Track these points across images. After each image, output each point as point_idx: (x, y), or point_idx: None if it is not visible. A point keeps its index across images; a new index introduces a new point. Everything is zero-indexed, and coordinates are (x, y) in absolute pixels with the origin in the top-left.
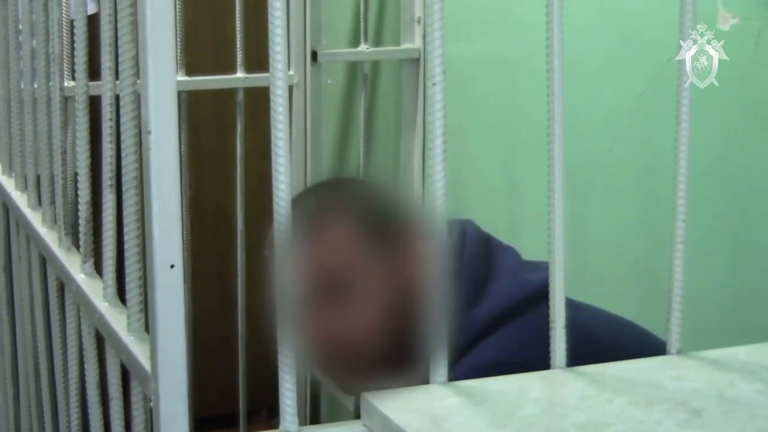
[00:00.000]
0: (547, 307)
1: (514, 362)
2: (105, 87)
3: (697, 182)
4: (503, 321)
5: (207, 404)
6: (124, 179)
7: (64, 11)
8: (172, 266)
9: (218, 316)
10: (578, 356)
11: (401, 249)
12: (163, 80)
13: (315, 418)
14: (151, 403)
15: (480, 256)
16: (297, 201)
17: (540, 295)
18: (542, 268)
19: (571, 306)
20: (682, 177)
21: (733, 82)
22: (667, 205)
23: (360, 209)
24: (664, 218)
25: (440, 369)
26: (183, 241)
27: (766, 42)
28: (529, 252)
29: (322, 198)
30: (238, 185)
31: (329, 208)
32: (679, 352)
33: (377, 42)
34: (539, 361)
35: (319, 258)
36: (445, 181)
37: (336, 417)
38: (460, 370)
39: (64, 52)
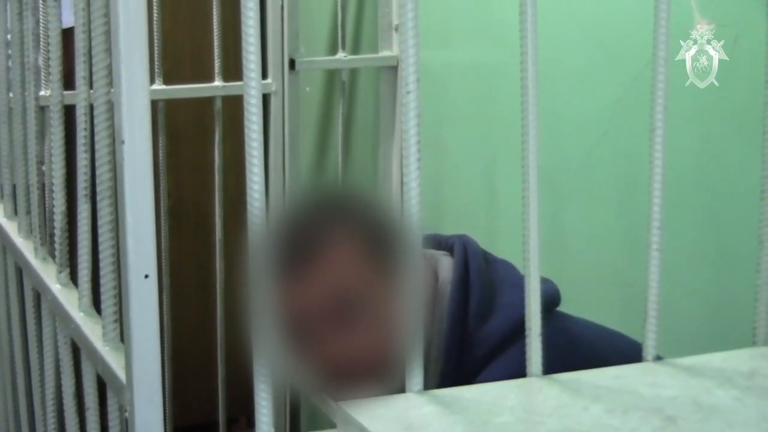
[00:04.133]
0: (554, 319)
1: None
2: (80, 97)
3: (675, 188)
4: (520, 333)
5: (187, 412)
6: (98, 189)
7: (41, 21)
8: (146, 276)
9: (197, 324)
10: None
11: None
12: (136, 90)
13: (294, 428)
14: (127, 414)
15: (483, 269)
16: (296, 222)
17: (548, 307)
18: (542, 280)
19: (570, 320)
20: (656, 183)
21: (710, 87)
22: (646, 212)
23: (362, 225)
24: (643, 224)
25: (416, 377)
26: (161, 249)
27: (743, 47)
28: (507, 259)
29: (321, 215)
30: (217, 193)
31: (330, 225)
32: (655, 359)
33: (355, 50)
34: (559, 372)
35: (325, 278)
36: (419, 189)
37: (315, 426)
38: (486, 380)
39: (41, 62)
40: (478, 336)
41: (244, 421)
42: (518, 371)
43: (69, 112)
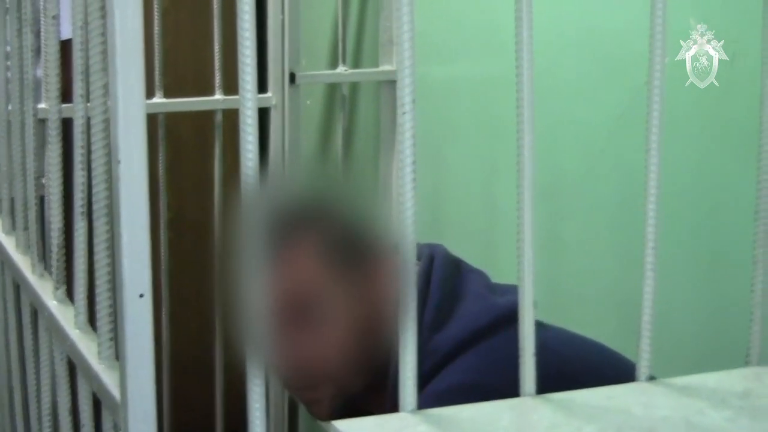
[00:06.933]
0: (514, 330)
1: (480, 386)
2: (77, 114)
3: (672, 202)
4: (468, 345)
5: (185, 424)
6: (94, 207)
7: (41, 34)
8: (141, 296)
9: (196, 337)
10: (549, 378)
11: (370, 270)
12: (132, 110)
13: None
14: None
15: (448, 280)
16: (267, 217)
17: (506, 319)
18: (511, 291)
19: (542, 328)
20: (651, 205)
21: (708, 104)
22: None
23: (328, 230)
24: (640, 239)
25: (409, 397)
26: (161, 261)
27: (741, 64)
28: (506, 273)
29: (289, 218)
30: (217, 206)
31: (297, 228)
32: (648, 379)
33: (356, 63)
34: (505, 384)
35: (287, 279)
36: (414, 209)
37: None
38: (425, 397)
39: (40, 74)
40: (427, 348)
41: None
42: (461, 384)
43: (69, 125)
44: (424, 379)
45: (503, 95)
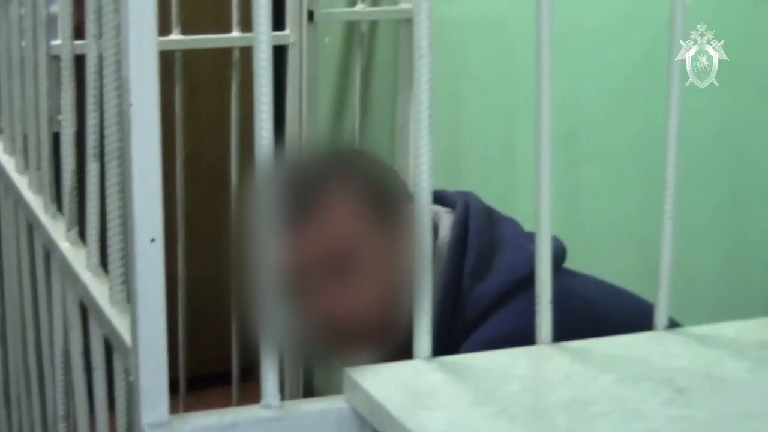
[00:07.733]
0: (560, 276)
1: (526, 335)
2: (89, 55)
3: (696, 152)
4: (512, 294)
5: (202, 362)
6: (106, 150)
7: None
8: (152, 240)
9: (213, 274)
10: (585, 329)
11: (402, 221)
12: (144, 52)
13: (309, 392)
14: (131, 377)
15: (485, 228)
16: (295, 171)
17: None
18: None
19: (570, 275)
20: (671, 152)
21: (732, 47)
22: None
23: (361, 181)
24: (661, 184)
25: (424, 344)
26: (177, 200)
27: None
28: (526, 220)
29: (322, 169)
30: (234, 144)
31: (330, 180)
32: (666, 328)
33: (375, 1)
34: (561, 330)
35: (322, 232)
36: (430, 155)
37: (330, 389)
38: (471, 345)
39: (53, 11)
40: (470, 296)
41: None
42: (508, 333)
43: (83, 62)
44: (468, 327)
45: (521, 36)
